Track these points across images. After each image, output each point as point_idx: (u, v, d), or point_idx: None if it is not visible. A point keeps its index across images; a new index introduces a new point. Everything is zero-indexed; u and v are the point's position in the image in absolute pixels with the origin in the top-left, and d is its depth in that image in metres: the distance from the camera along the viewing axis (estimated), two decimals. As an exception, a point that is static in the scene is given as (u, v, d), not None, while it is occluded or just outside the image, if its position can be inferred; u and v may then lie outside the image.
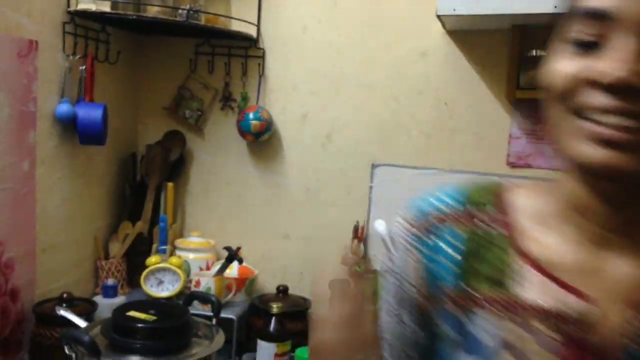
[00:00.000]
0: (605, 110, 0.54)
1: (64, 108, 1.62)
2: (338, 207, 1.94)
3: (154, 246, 1.92)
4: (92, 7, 1.65)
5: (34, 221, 1.58)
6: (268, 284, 1.98)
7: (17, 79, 1.48)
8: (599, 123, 0.54)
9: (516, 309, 0.60)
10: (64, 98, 1.64)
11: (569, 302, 0.59)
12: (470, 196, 0.67)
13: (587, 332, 0.58)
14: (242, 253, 1.88)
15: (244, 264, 1.89)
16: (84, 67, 1.70)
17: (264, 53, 1.95)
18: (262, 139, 1.93)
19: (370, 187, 1.92)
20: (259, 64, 1.95)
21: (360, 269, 1.84)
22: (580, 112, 0.56)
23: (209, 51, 1.98)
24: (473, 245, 0.64)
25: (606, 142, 0.54)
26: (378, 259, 1.84)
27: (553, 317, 0.59)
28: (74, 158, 1.74)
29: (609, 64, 0.53)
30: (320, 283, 0.66)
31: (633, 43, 0.53)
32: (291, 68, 1.95)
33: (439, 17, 1.62)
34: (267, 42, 1.96)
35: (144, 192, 1.98)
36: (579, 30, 0.56)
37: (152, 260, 1.84)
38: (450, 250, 0.65)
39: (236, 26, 1.90)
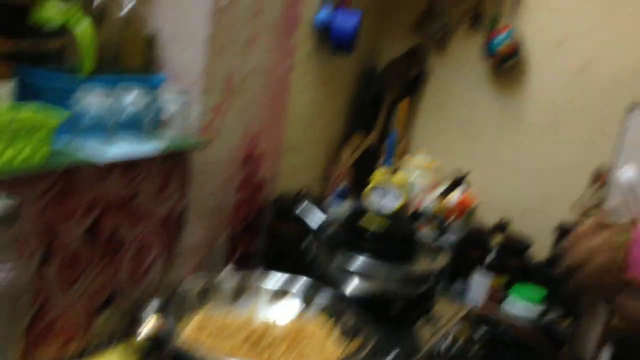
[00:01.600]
0: None
1: (324, 15, 1.68)
2: (582, 145, 1.80)
3: (382, 159, 1.97)
4: None
5: (285, 119, 1.70)
6: (489, 215, 1.94)
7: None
8: None
9: None
10: (325, 5, 1.69)
11: None
12: None
13: None
14: (469, 179, 1.85)
15: (468, 191, 1.86)
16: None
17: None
18: (508, 64, 1.83)
19: (625, 129, 1.73)
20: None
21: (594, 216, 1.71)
22: None
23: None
24: None
25: None
26: (621, 210, 1.69)
27: None
28: (324, 65, 1.81)
29: None
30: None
31: None
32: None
33: None
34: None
35: (379, 105, 2.02)
36: None
37: (378, 174, 1.90)
38: None
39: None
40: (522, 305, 1.67)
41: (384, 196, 1.88)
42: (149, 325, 1.27)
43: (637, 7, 1.68)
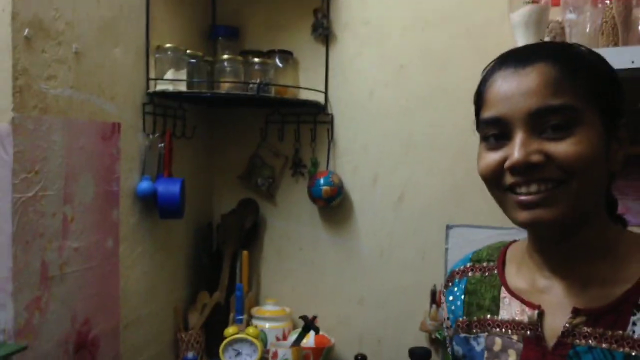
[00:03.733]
0: (518, 184, 0.77)
1: (145, 185, 1.68)
2: (413, 270, 1.90)
3: (231, 315, 1.93)
4: (170, 88, 1.73)
5: (118, 297, 1.62)
6: (345, 353, 1.94)
7: (102, 160, 1.55)
8: (518, 194, 0.77)
9: (499, 326, 0.86)
10: (145, 175, 1.70)
11: (527, 313, 0.83)
12: (479, 254, 0.96)
13: (537, 332, 0.81)
14: (318, 321, 1.86)
15: (320, 332, 1.86)
16: (162, 144, 1.77)
17: (332, 118, 1.98)
18: (333, 204, 1.93)
19: (446, 249, 1.87)
20: (328, 130, 1.98)
21: (441, 335, 1.78)
22: (509, 189, 0.78)
23: (279, 120, 2.02)
24: (472, 287, 0.92)
25: (525, 206, 0.76)
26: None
27: (518, 326, 0.84)
28: (154, 232, 1.79)
29: (509, 152, 0.77)
30: None
31: (521, 133, 0.76)
32: (360, 132, 1.96)
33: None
34: (335, 108, 1.98)
35: (220, 261, 2.01)
36: (489, 131, 0.80)
37: (230, 330, 1.85)
38: (458, 293, 0.94)
39: (304, 95, 1.94)
40: None
41: (240, 353, 1.82)
42: None
43: (433, 142, 1.88)
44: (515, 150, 0.75)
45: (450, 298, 0.95)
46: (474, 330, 0.89)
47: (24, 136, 1.29)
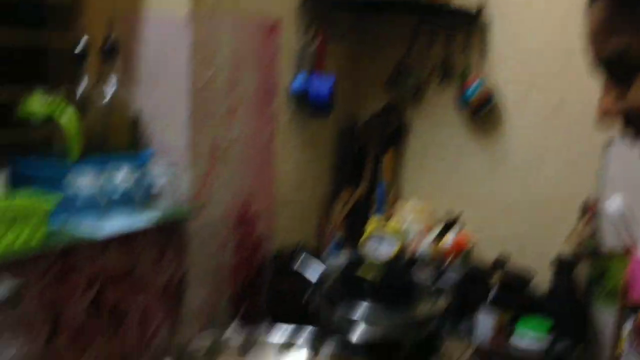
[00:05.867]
0: None
1: (299, 83, 1.79)
2: (564, 182, 1.86)
3: (372, 211, 2.03)
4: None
5: (272, 183, 1.78)
6: (485, 254, 1.97)
7: (263, 56, 1.67)
8: None
9: None
10: (299, 73, 1.81)
11: None
12: None
13: None
14: (461, 221, 1.90)
15: (463, 231, 1.90)
16: (314, 45, 1.85)
17: (485, 27, 1.93)
18: (483, 112, 1.92)
19: (605, 164, 1.79)
20: (480, 38, 1.94)
21: (589, 248, 1.75)
22: None
23: (429, 27, 2.01)
24: None
25: None
26: (610, 239, 1.72)
27: None
28: (304, 129, 1.91)
29: None
30: None
31: None
32: (516, 39, 1.90)
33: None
34: (489, 16, 1.93)
35: (363, 161, 2.10)
36: None
37: (372, 223, 1.95)
38: None
39: (457, 0, 1.91)
40: (530, 337, 1.68)
41: (380, 244, 1.92)
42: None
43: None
44: None
45: None
46: None
47: (198, 28, 1.42)
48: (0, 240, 1.02)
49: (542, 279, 1.84)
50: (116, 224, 1.23)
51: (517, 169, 1.95)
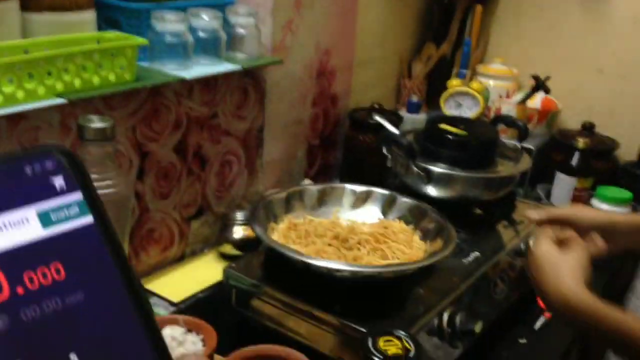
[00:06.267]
0: None
1: None
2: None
3: (455, 69, 1.93)
4: None
5: (354, 36, 1.69)
6: (571, 120, 1.88)
7: None
8: None
9: None
10: None
11: None
12: None
13: None
14: (549, 84, 1.79)
15: (549, 95, 1.80)
16: None
17: None
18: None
19: None
20: None
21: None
22: None
23: None
24: None
25: None
26: None
27: None
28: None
29: None
30: None
31: None
32: None
33: None
34: None
35: (450, 15, 1.96)
36: None
37: (453, 83, 1.86)
38: None
39: None
40: (607, 207, 1.63)
41: (461, 105, 1.85)
42: (238, 232, 1.35)
43: None
44: None
45: None
46: None
47: None
48: (95, 74, 1.03)
49: (629, 150, 1.76)
50: (199, 68, 1.21)
51: (618, 29, 1.78)
